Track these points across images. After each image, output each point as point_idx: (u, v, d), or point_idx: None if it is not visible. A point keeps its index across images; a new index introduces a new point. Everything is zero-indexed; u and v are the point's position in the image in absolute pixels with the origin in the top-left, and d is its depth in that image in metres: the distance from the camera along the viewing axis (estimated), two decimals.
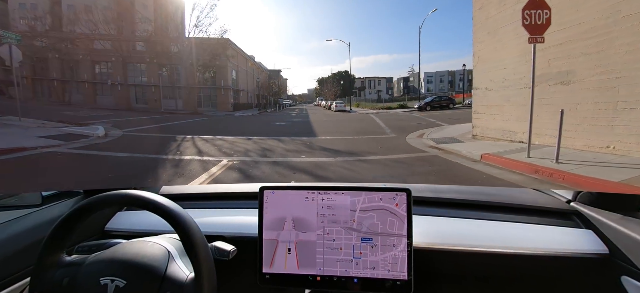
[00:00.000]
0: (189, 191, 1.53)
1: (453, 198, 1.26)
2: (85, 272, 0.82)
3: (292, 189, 1.01)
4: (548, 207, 1.17)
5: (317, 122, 17.23)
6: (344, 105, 30.52)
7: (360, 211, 0.97)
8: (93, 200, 0.83)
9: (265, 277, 1.00)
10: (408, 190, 0.95)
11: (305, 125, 15.24)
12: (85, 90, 29.97)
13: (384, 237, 0.95)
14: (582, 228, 1.08)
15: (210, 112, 26.54)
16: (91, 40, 28.35)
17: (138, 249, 0.85)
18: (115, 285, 0.77)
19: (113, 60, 29.34)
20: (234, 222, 1.20)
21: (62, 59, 28.21)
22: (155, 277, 0.79)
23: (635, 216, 1.00)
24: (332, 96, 47.28)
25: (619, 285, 0.91)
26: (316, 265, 0.98)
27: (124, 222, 1.32)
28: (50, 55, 28.01)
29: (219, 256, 0.95)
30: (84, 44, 28.22)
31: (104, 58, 29.47)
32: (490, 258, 1.01)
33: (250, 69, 39.93)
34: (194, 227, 0.80)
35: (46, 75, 29.14)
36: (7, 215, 1.09)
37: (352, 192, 0.98)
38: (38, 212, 1.15)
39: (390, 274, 0.94)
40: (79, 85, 30.00)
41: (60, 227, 0.83)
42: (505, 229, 1.09)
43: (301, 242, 0.99)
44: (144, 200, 0.81)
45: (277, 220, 1.01)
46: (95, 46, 28.92)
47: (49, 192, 1.28)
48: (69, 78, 28.93)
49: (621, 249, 0.93)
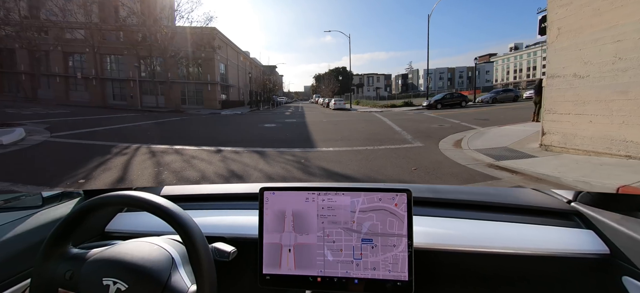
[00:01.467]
0: (190, 192, 1.47)
1: (453, 199, 1.24)
2: (88, 269, 0.81)
3: (292, 190, 0.99)
4: (548, 207, 1.16)
5: (314, 123, 14.31)
6: (343, 103, 27.56)
7: (359, 212, 0.95)
8: (94, 201, 0.82)
9: (266, 278, 0.98)
10: (408, 191, 0.93)
11: (299, 128, 12.29)
12: (56, 85, 26.82)
13: (384, 237, 0.94)
14: (582, 228, 1.06)
15: (194, 110, 23.52)
16: (62, 29, 25.17)
17: (142, 253, 0.82)
18: (116, 287, 0.75)
19: (87, 51, 26.19)
20: (234, 223, 1.18)
21: (30, 49, 24.93)
22: (157, 285, 0.76)
23: (636, 216, 0.98)
24: (330, 93, 45.18)
25: (620, 285, 0.90)
26: (316, 267, 0.96)
27: (124, 223, 1.30)
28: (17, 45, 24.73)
29: (219, 257, 0.94)
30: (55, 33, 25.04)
31: (77, 49, 26.32)
32: (491, 258, 1.00)
33: (242, 63, 36.84)
34: (195, 228, 0.78)
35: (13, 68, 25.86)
36: (7, 216, 1.07)
37: (352, 193, 0.96)
38: (38, 213, 1.13)
39: (391, 275, 0.92)
40: (50, 80, 26.86)
41: (61, 228, 0.82)
42: (505, 229, 1.07)
43: (301, 243, 0.97)
44: (145, 202, 0.79)
45: (277, 221, 0.99)
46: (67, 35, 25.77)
47: (49, 193, 1.24)
48: (37, 71, 25.72)
49: (622, 249, 0.91)
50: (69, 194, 1.30)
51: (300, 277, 0.96)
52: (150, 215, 0.80)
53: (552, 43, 5.75)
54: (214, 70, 26.02)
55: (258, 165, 5.50)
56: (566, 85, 5.49)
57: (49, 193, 1.24)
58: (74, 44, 26.13)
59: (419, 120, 13.40)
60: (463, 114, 15.94)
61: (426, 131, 9.62)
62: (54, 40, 25.34)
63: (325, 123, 14.07)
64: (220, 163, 5.55)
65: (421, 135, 8.70)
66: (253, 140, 8.50)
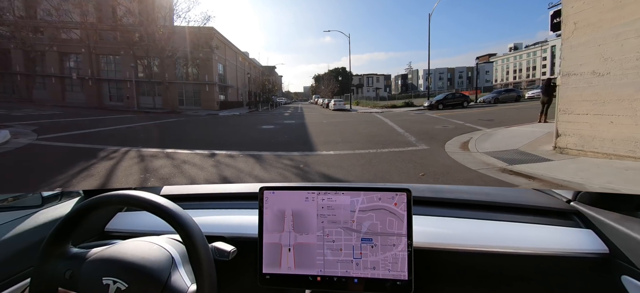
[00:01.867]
0: (190, 191, 1.47)
1: (453, 198, 1.23)
2: (88, 268, 0.80)
3: (292, 189, 0.99)
4: (548, 207, 1.16)
5: (314, 124, 13.92)
6: (343, 104, 27.19)
7: (359, 211, 0.95)
8: (94, 200, 0.82)
9: (266, 277, 0.98)
10: (408, 190, 0.93)
11: (298, 129, 11.91)
12: (52, 86, 26.40)
13: (383, 237, 0.93)
14: (582, 227, 1.06)
15: (192, 111, 23.13)
16: (58, 29, 24.78)
17: (142, 252, 0.82)
18: (116, 287, 0.75)
19: (83, 51, 25.79)
20: (234, 223, 1.18)
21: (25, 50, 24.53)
22: (157, 284, 0.76)
23: (635, 215, 0.98)
24: (330, 94, 44.87)
25: (620, 284, 0.90)
26: (316, 266, 0.96)
27: (124, 222, 1.29)
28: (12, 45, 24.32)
29: (219, 257, 0.94)
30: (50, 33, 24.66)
31: (73, 49, 25.92)
32: (491, 258, 1.00)
33: (240, 63, 36.49)
34: (195, 228, 0.78)
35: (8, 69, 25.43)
36: (7, 216, 1.07)
37: (351, 192, 0.96)
38: (38, 212, 1.13)
39: (391, 274, 0.92)
40: (46, 81, 26.44)
41: (61, 228, 0.82)
42: (505, 229, 1.07)
43: (301, 243, 0.97)
44: (145, 201, 0.79)
45: (277, 221, 0.98)
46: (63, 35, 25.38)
47: (49, 192, 1.24)
48: (32, 72, 25.31)
49: (621, 249, 0.91)
50: (68, 194, 1.30)
51: (300, 277, 0.96)
52: (150, 215, 0.79)
53: (567, 39, 5.38)
54: (211, 71, 25.61)
55: (253, 170, 5.12)
56: (584, 84, 5.11)
57: (49, 193, 1.24)
58: (69, 44, 25.73)
59: (422, 121, 13.03)
60: (466, 114, 15.56)
61: (430, 132, 9.25)
62: (49, 40, 24.97)
63: (325, 124, 13.68)
64: (213, 169, 5.18)
65: (425, 137, 8.33)
66: (250, 143, 8.12)
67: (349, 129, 11.20)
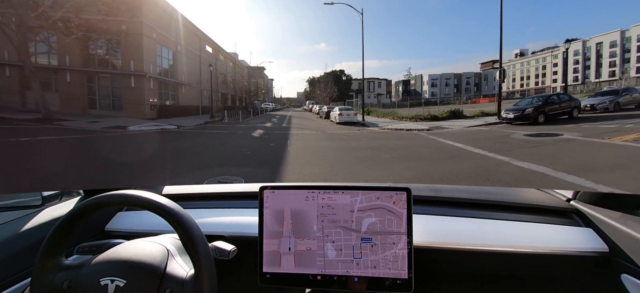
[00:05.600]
0: (190, 191, 1.47)
1: (453, 197, 1.24)
2: (85, 274, 0.80)
3: (292, 189, 0.98)
4: (548, 206, 1.15)
5: (301, 171, 4.24)
6: (353, 114, 17.11)
7: (358, 211, 0.94)
8: (94, 200, 0.82)
9: (266, 276, 0.97)
10: (408, 190, 0.92)
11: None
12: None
13: (383, 235, 0.93)
14: (582, 226, 1.06)
15: (105, 121, 13.15)
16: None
17: (137, 248, 0.83)
18: (115, 285, 0.75)
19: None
20: (234, 222, 1.17)
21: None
22: (154, 275, 0.76)
23: (635, 214, 0.98)
24: (327, 99, 35.54)
25: (619, 283, 0.90)
26: (316, 265, 0.95)
27: (124, 222, 1.29)
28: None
29: (219, 256, 0.91)
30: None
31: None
32: (491, 257, 0.99)
33: (208, 55, 26.53)
34: (193, 226, 0.78)
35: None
36: (7, 215, 1.07)
37: (351, 192, 0.95)
38: (38, 212, 1.13)
39: (391, 273, 0.91)
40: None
41: (61, 228, 0.82)
42: (505, 228, 1.07)
43: (301, 242, 0.96)
44: (145, 201, 0.79)
45: (277, 220, 0.97)
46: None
47: (49, 192, 1.24)
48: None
49: (621, 247, 0.91)
50: (68, 193, 1.30)
51: (300, 276, 0.95)
52: (150, 214, 0.79)
53: None
54: (141, 55, 15.68)
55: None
56: None
57: (49, 193, 1.23)
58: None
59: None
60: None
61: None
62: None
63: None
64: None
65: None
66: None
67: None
